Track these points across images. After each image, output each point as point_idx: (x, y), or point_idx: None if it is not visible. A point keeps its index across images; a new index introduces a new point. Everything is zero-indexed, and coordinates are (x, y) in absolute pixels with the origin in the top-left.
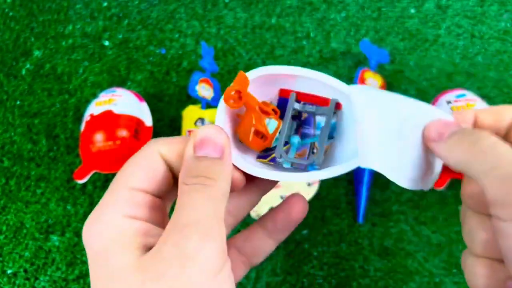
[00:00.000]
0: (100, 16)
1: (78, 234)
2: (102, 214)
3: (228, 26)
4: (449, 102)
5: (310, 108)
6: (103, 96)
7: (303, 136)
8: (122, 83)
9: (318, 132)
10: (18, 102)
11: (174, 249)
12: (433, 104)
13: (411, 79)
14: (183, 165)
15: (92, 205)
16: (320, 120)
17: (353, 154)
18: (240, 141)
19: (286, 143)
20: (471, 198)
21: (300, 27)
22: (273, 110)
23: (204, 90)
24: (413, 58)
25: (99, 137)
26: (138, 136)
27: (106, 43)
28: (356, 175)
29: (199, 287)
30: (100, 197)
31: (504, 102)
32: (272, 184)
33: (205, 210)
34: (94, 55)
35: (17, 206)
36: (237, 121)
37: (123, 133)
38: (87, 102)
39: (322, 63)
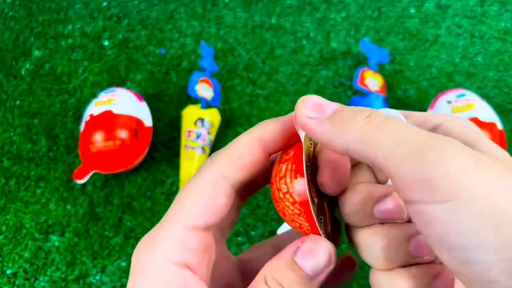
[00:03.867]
0: (99, 16)
1: (77, 234)
2: (152, 252)
3: (228, 26)
4: (449, 102)
5: None
6: (103, 96)
7: None
8: (121, 83)
9: None
10: (17, 102)
11: None
12: (433, 104)
13: (411, 79)
14: (280, 253)
15: (92, 205)
16: None
17: None
18: None
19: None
20: (355, 213)
21: (300, 27)
22: None
23: (204, 90)
24: (413, 58)
25: (98, 137)
26: (138, 136)
27: (106, 43)
28: None
29: None
30: (100, 197)
31: (504, 101)
32: None
33: None
34: (93, 55)
35: (16, 206)
36: None
37: (122, 133)
38: (87, 102)
39: (322, 63)
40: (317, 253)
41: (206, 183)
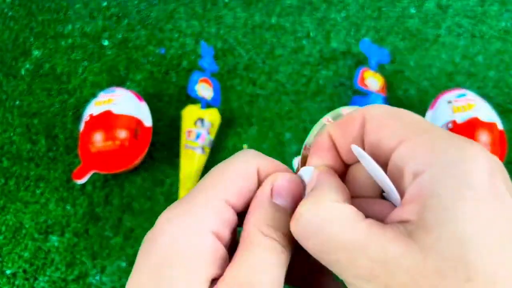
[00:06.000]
0: (99, 16)
1: (77, 234)
2: (192, 217)
3: (227, 25)
4: (449, 102)
5: None
6: (103, 96)
7: None
8: (121, 83)
9: None
10: (17, 102)
11: None
12: (433, 104)
13: (411, 79)
14: (257, 203)
15: (92, 205)
16: None
17: None
18: None
19: None
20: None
21: (300, 26)
22: None
23: (203, 89)
24: (414, 57)
25: (98, 137)
26: (138, 136)
27: (106, 43)
28: None
29: None
30: (99, 197)
31: (504, 101)
32: None
33: (273, 278)
34: (93, 55)
35: (16, 206)
36: None
37: (122, 133)
38: (87, 102)
39: (322, 63)
40: (290, 187)
41: (244, 169)
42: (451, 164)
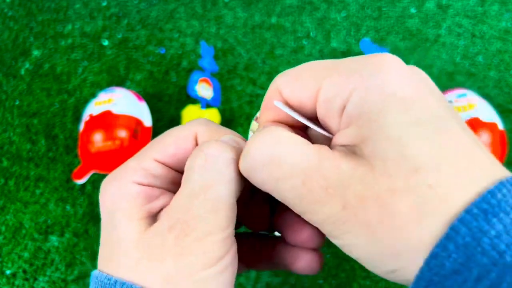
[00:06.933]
0: (99, 15)
1: (77, 234)
2: (116, 177)
3: (227, 25)
4: (450, 102)
5: None
6: (103, 96)
7: None
8: (121, 83)
9: None
10: (17, 102)
11: (174, 239)
12: None
13: None
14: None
15: (91, 205)
16: None
17: None
18: None
19: None
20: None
21: (300, 26)
22: None
23: (204, 89)
24: (414, 57)
25: (98, 137)
26: (137, 136)
27: (106, 42)
28: None
29: (196, 278)
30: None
31: (504, 101)
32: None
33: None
34: (93, 54)
35: (16, 207)
36: None
37: (122, 133)
38: (86, 102)
39: None
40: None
41: (179, 135)
42: (369, 82)
